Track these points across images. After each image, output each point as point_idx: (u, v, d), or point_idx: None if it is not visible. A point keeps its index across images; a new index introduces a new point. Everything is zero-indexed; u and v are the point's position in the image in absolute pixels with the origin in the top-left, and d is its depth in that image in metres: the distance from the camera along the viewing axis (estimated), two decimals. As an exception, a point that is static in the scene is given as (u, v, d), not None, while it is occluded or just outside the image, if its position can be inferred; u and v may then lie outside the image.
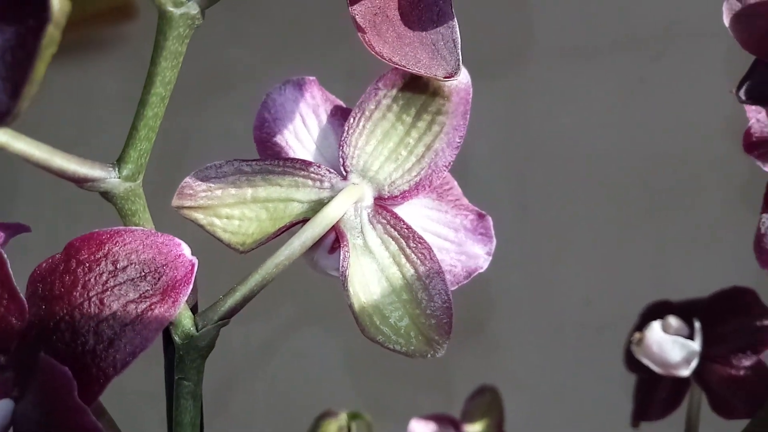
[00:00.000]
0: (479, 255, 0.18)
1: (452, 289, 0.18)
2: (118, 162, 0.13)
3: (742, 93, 0.22)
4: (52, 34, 0.09)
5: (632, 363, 0.31)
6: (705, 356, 0.29)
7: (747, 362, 0.29)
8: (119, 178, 0.13)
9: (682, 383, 0.30)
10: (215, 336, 0.15)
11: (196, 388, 0.15)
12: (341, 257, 0.17)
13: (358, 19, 0.13)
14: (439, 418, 0.32)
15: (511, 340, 0.78)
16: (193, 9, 0.13)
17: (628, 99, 0.63)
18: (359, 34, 0.13)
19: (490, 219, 0.19)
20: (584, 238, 0.77)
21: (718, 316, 0.30)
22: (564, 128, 0.77)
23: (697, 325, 0.29)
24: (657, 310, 0.31)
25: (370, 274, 0.17)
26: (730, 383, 0.29)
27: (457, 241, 0.18)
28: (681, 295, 0.30)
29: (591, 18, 0.76)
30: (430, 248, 0.17)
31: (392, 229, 0.17)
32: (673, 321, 0.29)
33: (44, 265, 0.14)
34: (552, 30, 0.78)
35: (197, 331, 0.15)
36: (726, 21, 0.22)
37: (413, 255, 0.17)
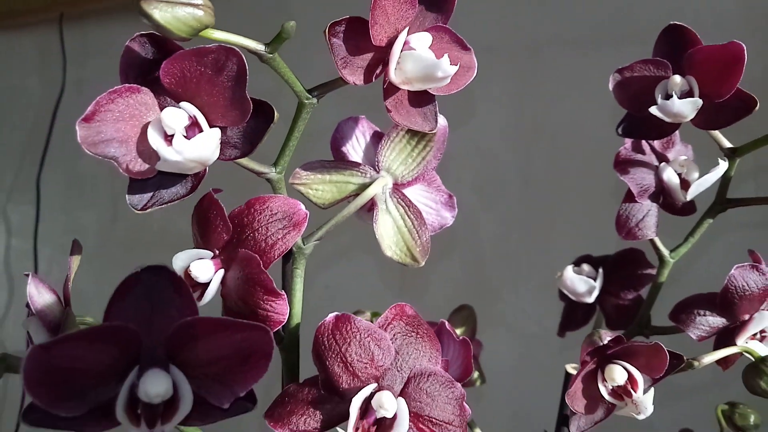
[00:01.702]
0: (447, 217, 0.34)
1: (430, 233, 0.33)
2: (275, 164, 0.29)
3: (619, 130, 0.37)
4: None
5: (561, 295, 0.47)
6: (605, 291, 0.45)
7: (630, 296, 0.44)
8: (275, 172, 0.29)
9: (589, 307, 0.46)
10: (312, 248, 0.31)
11: (302, 273, 0.31)
12: (374, 214, 0.33)
13: (388, 106, 0.28)
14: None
15: (511, 290, 0.93)
16: (314, 100, 0.28)
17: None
18: (388, 113, 0.29)
19: (455, 197, 0.34)
20: (577, 206, 0.90)
21: (618, 266, 0.45)
22: (566, 110, 0.89)
23: (600, 270, 0.44)
24: (582, 260, 0.46)
25: (389, 224, 0.33)
26: (619, 308, 0.44)
27: (435, 209, 0.34)
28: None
29: (596, 11, 0.87)
30: (420, 212, 0.33)
31: (401, 201, 0.33)
32: (585, 267, 0.45)
33: (236, 210, 0.30)
34: (561, 21, 0.90)
35: (304, 244, 0.31)
36: (611, 87, 0.36)
37: (411, 215, 0.33)
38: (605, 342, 0.31)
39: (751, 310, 0.38)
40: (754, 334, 0.39)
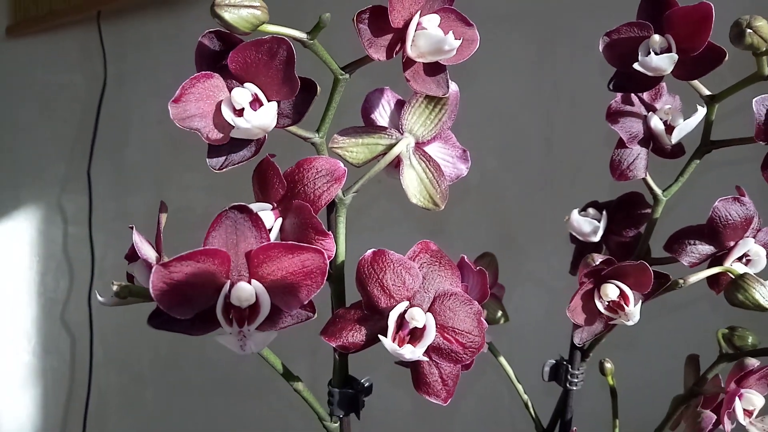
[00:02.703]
0: (462, 168, 0.40)
1: (448, 183, 0.40)
2: (317, 131, 0.36)
3: (610, 86, 0.42)
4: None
5: (572, 237, 0.53)
6: (609, 230, 0.50)
7: (632, 233, 0.50)
8: (318, 137, 0.36)
9: (596, 246, 0.51)
10: (351, 198, 0.38)
11: (344, 220, 0.38)
12: (400, 169, 0.39)
13: (407, 76, 0.35)
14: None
15: (536, 247, 0.99)
16: (347, 75, 0.34)
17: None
18: (407, 82, 0.35)
19: (468, 152, 0.40)
20: (596, 165, 0.94)
21: (620, 208, 0.51)
22: (584, 73, 0.93)
23: (604, 213, 0.50)
24: (588, 205, 0.52)
25: (413, 177, 0.39)
26: (622, 245, 0.50)
27: (452, 162, 0.40)
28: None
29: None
30: (438, 165, 0.39)
31: (422, 157, 0.39)
32: (591, 210, 0.50)
33: (288, 170, 0.37)
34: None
35: (344, 196, 0.38)
36: (600, 49, 0.42)
37: (431, 168, 0.39)
38: (597, 263, 0.37)
39: (736, 238, 0.44)
40: (740, 258, 0.44)
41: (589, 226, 0.49)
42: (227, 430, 1.36)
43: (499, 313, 0.57)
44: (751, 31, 0.35)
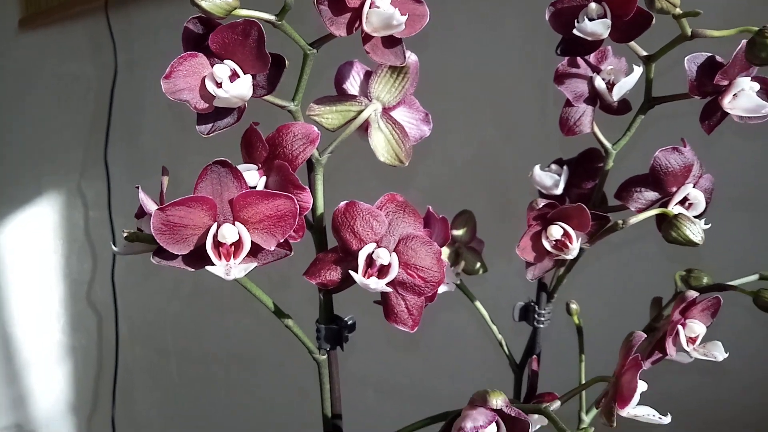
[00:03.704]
0: (425, 129, 0.46)
1: (412, 143, 0.45)
2: (293, 100, 0.41)
3: (558, 51, 0.47)
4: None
5: (539, 192, 0.58)
6: (571, 184, 0.55)
7: (590, 185, 0.55)
8: (294, 105, 0.41)
9: (560, 199, 0.56)
10: (327, 159, 0.43)
11: (321, 178, 0.44)
12: (369, 132, 0.44)
13: (367, 49, 0.40)
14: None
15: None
16: (314, 50, 0.40)
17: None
18: (368, 53, 0.40)
19: (429, 115, 0.46)
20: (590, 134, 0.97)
21: (580, 163, 0.56)
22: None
23: (564, 168, 0.55)
24: (553, 162, 0.57)
25: (381, 138, 0.45)
26: (582, 196, 0.55)
27: (416, 124, 0.46)
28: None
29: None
30: (403, 127, 0.44)
31: (389, 121, 0.45)
32: (553, 166, 0.55)
33: (270, 135, 0.43)
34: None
35: (320, 155, 0.43)
36: (547, 17, 0.46)
37: (396, 130, 0.44)
38: (540, 206, 0.42)
39: (677, 184, 0.49)
40: (682, 202, 0.49)
41: (550, 179, 0.54)
42: (247, 400, 1.44)
43: (478, 264, 0.63)
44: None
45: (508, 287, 0.86)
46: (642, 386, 0.40)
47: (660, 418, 0.41)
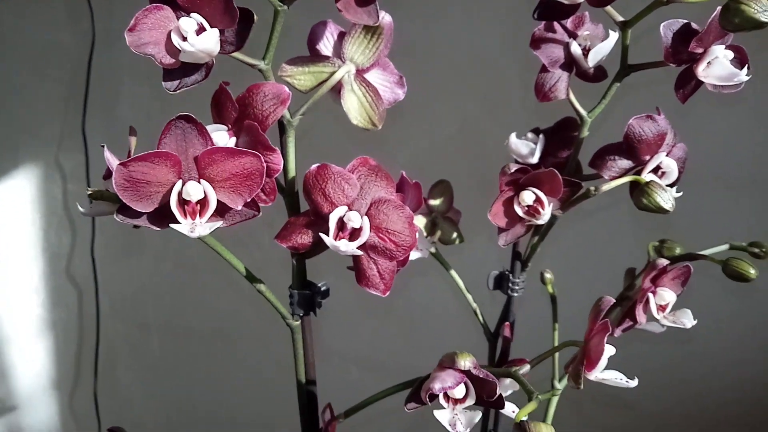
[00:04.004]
0: (399, 93, 0.45)
1: (386, 106, 0.44)
2: (263, 58, 0.41)
3: (535, 15, 0.47)
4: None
5: (515, 161, 0.58)
6: (548, 153, 0.55)
7: (565, 154, 0.55)
8: (264, 64, 0.41)
9: (536, 167, 0.56)
10: (299, 121, 0.43)
11: (293, 140, 0.43)
12: (341, 94, 0.44)
13: (339, 7, 0.39)
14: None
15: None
16: (285, 7, 0.39)
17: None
18: (340, 12, 0.39)
19: (404, 78, 0.45)
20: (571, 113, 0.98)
21: (556, 132, 0.55)
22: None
23: (541, 136, 0.55)
24: (530, 131, 0.57)
25: (354, 100, 0.44)
26: (558, 164, 0.55)
27: (390, 87, 0.45)
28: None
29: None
30: (377, 90, 0.44)
31: (362, 83, 0.44)
32: (529, 134, 0.55)
33: (240, 95, 0.42)
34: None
35: (291, 117, 0.42)
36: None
37: (370, 92, 0.44)
38: (512, 171, 0.42)
39: (651, 152, 0.49)
40: (655, 171, 0.49)
41: (526, 148, 0.54)
42: (228, 374, 1.44)
43: (455, 234, 0.62)
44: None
45: (488, 259, 0.86)
46: (610, 350, 0.41)
47: (627, 381, 0.41)
